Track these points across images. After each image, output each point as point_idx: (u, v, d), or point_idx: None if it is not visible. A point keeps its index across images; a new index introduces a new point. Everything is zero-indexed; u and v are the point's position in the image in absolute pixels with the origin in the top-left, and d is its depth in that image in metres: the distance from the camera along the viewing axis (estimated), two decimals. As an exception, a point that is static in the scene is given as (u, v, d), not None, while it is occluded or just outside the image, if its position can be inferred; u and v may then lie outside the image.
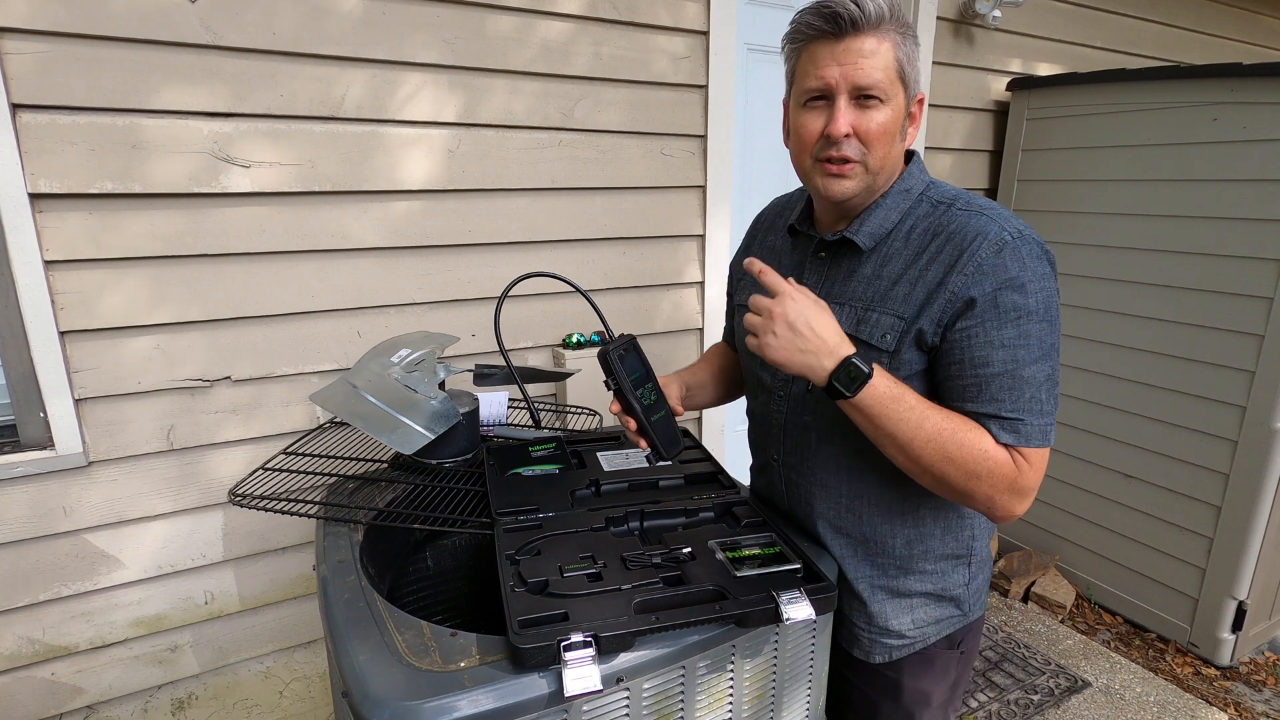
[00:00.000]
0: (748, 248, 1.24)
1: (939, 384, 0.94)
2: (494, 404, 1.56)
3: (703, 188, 2.19)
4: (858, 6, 0.87)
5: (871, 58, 0.88)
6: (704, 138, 2.15)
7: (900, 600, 1.04)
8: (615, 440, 1.37)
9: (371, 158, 1.70)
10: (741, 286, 1.22)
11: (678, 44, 2.05)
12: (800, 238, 1.09)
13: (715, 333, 2.33)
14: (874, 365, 0.87)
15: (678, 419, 1.06)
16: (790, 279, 0.91)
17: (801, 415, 1.05)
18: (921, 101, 0.96)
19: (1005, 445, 0.88)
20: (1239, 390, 2.21)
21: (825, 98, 0.91)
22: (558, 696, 0.77)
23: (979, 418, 0.89)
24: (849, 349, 0.88)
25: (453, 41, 1.73)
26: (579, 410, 1.77)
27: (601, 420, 1.72)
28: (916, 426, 0.87)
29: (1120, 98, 2.43)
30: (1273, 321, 2.11)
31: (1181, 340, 2.35)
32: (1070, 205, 2.61)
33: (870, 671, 1.09)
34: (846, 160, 0.92)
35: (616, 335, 0.99)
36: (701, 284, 2.26)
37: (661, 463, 1.15)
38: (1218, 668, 2.39)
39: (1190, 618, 2.44)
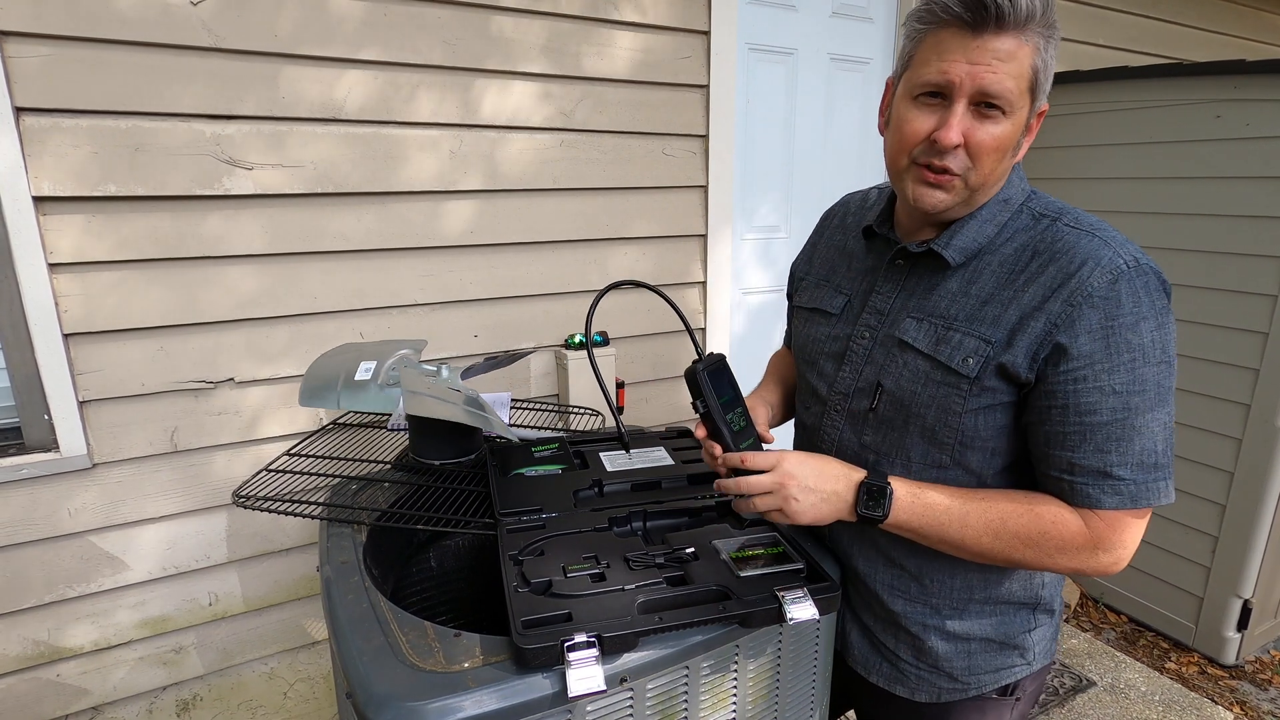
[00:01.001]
0: (814, 244, 1.13)
1: (1032, 426, 0.84)
2: (497, 404, 1.56)
3: (704, 187, 2.19)
4: None
5: (1008, 62, 0.76)
6: (705, 137, 2.15)
7: (956, 643, 0.95)
8: (618, 440, 1.37)
9: (373, 159, 1.70)
10: (802, 287, 1.10)
11: (679, 44, 2.05)
12: (877, 240, 0.98)
13: (717, 333, 2.33)
14: (889, 481, 0.85)
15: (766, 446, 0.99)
16: (779, 452, 0.88)
17: (860, 434, 0.95)
18: (1043, 115, 0.84)
19: (1111, 510, 0.80)
20: (1243, 388, 2.20)
21: (942, 95, 0.79)
22: (561, 697, 0.77)
23: (1079, 470, 0.80)
24: (860, 473, 0.86)
25: (454, 42, 1.73)
26: (581, 410, 1.77)
27: (603, 421, 1.72)
28: (961, 523, 0.83)
29: (1123, 95, 2.43)
30: (1277, 319, 2.10)
31: (1185, 338, 2.34)
32: (1073, 203, 2.59)
33: (911, 711, 1.00)
34: (947, 171, 0.81)
35: (705, 353, 0.91)
36: (704, 283, 2.26)
37: None
38: (1223, 667, 2.38)
39: (1195, 617, 2.43)
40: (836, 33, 2.45)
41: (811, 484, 0.85)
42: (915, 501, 0.84)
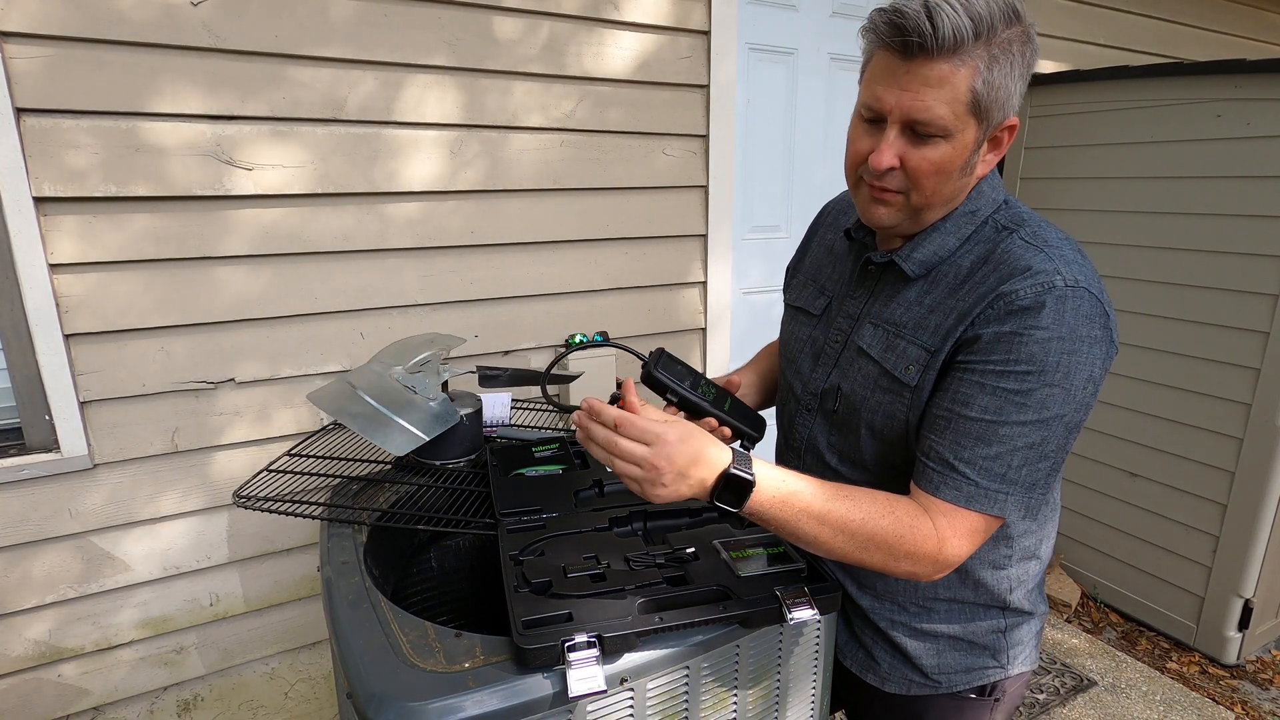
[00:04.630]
0: (808, 241, 1.14)
1: (926, 405, 0.85)
2: (498, 405, 1.56)
3: (705, 187, 2.19)
4: (931, 25, 0.72)
5: (939, 88, 0.75)
6: (706, 137, 2.15)
7: (925, 640, 0.96)
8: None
9: (374, 159, 1.70)
10: (793, 285, 1.11)
11: (679, 44, 2.05)
12: (855, 244, 1.00)
13: (717, 333, 2.33)
14: (755, 471, 0.78)
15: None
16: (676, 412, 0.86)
17: (828, 434, 0.97)
18: (1013, 128, 0.82)
19: (943, 501, 0.80)
20: (1244, 387, 2.20)
21: (880, 119, 0.81)
22: (562, 697, 0.77)
23: (933, 455, 0.81)
24: (726, 459, 0.78)
25: (454, 43, 1.73)
26: (582, 411, 1.77)
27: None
28: (819, 520, 0.79)
29: (1123, 95, 2.43)
30: (1277, 318, 2.10)
31: (1186, 337, 2.34)
32: (1073, 203, 2.60)
33: (888, 702, 1.01)
34: (887, 190, 0.83)
35: (647, 354, 0.92)
36: (704, 283, 2.26)
37: (753, 443, 1.01)
38: (1224, 666, 2.38)
39: (1196, 616, 2.43)
40: (836, 33, 2.45)
41: (684, 468, 0.76)
42: (775, 497, 0.79)
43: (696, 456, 0.77)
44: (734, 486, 0.78)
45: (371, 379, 1.25)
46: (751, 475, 0.78)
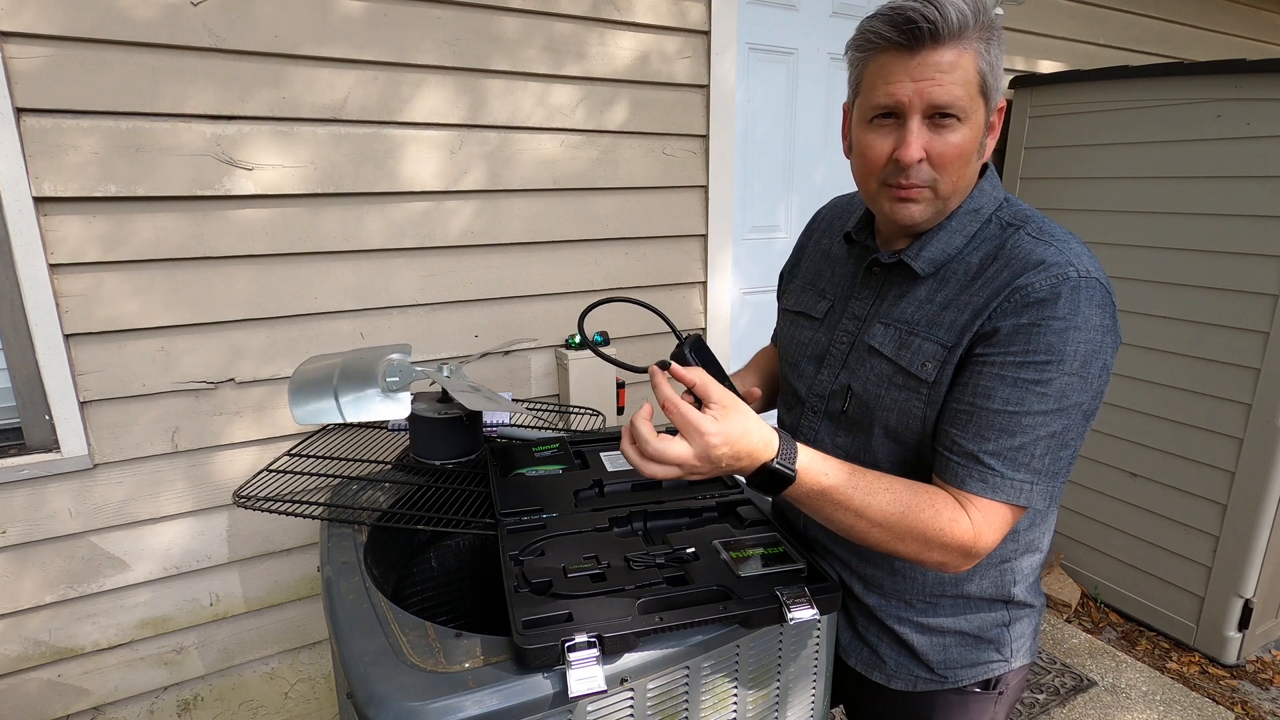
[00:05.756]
0: (802, 248, 1.15)
1: (944, 401, 0.86)
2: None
3: (705, 187, 2.19)
4: (939, 13, 0.75)
5: (951, 72, 0.78)
6: (706, 137, 2.15)
7: (931, 636, 0.97)
8: (618, 440, 1.37)
9: (373, 159, 1.70)
10: (789, 290, 1.13)
11: (679, 44, 2.05)
12: (856, 246, 1.01)
13: (718, 333, 2.33)
14: (797, 463, 0.78)
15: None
16: (718, 385, 0.79)
17: (834, 436, 0.98)
18: (1003, 110, 0.86)
19: (972, 494, 0.81)
20: (1244, 387, 2.20)
21: (895, 116, 0.82)
22: (562, 697, 0.77)
23: (957, 449, 0.82)
24: (770, 452, 0.78)
25: (454, 42, 1.73)
26: (581, 410, 1.77)
27: (604, 420, 1.72)
28: (856, 515, 0.80)
29: (1123, 95, 2.43)
30: (1278, 318, 2.10)
31: (1186, 337, 2.34)
32: (1073, 203, 2.60)
33: (893, 699, 1.02)
34: (915, 185, 0.84)
35: (683, 334, 0.91)
36: (704, 283, 2.26)
37: None
38: (1224, 666, 2.38)
39: (1196, 616, 2.43)
40: (836, 33, 2.45)
41: (741, 450, 0.76)
42: (812, 490, 0.80)
43: (747, 434, 0.77)
44: (772, 478, 0.79)
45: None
46: (793, 471, 0.78)
